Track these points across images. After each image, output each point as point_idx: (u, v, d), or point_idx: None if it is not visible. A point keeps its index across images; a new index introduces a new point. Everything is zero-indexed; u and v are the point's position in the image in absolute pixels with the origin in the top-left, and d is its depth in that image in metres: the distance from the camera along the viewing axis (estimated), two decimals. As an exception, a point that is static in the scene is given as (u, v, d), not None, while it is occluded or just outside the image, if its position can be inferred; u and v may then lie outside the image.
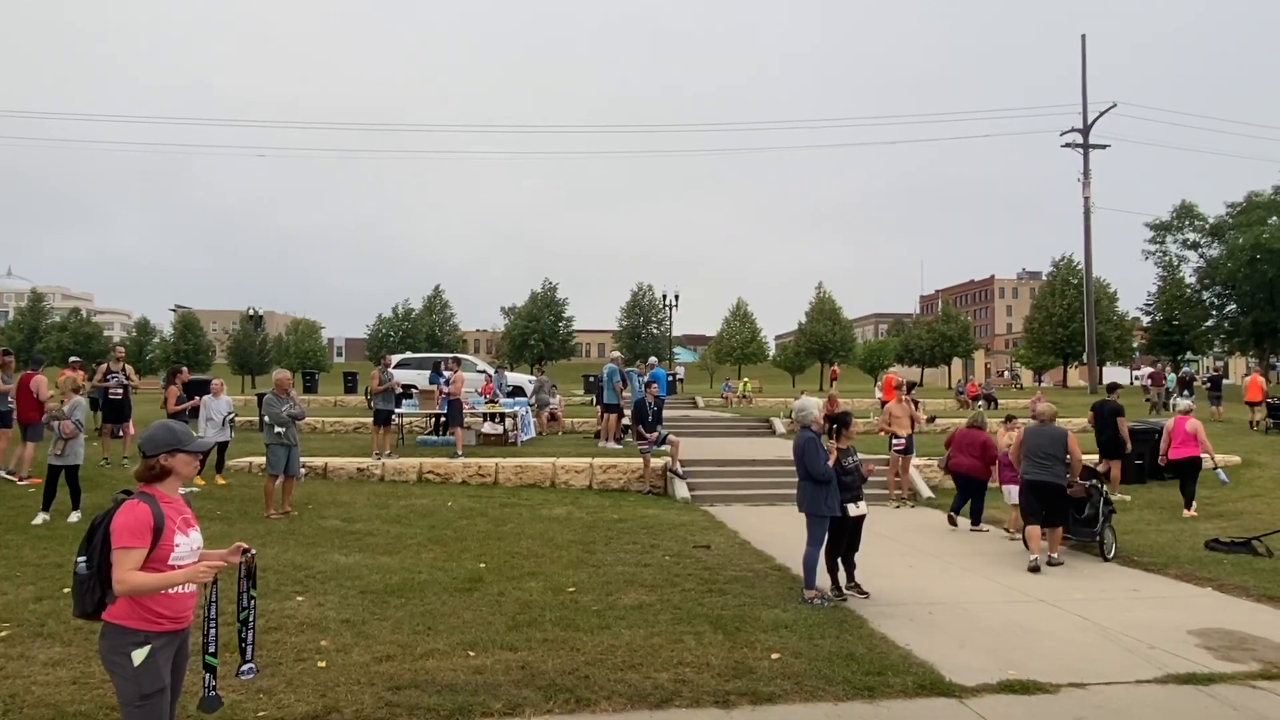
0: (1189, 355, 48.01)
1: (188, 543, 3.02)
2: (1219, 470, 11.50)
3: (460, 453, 13.75)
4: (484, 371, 22.51)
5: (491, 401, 17.01)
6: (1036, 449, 8.72)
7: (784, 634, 5.73)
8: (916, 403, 19.13)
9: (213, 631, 3.16)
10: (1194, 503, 11.19)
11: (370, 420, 14.71)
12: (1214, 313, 45.06)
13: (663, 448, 13.18)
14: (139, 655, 2.87)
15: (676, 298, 48.94)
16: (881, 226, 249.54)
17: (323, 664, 4.95)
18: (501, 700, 4.49)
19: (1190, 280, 46.08)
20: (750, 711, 4.47)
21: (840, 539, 6.98)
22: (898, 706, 4.58)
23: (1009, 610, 6.74)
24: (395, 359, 20.50)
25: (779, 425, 20.19)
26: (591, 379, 30.11)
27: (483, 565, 7.67)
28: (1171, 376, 32.39)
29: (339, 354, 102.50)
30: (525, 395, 20.49)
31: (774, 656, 5.25)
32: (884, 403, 16.28)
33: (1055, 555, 8.61)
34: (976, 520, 10.64)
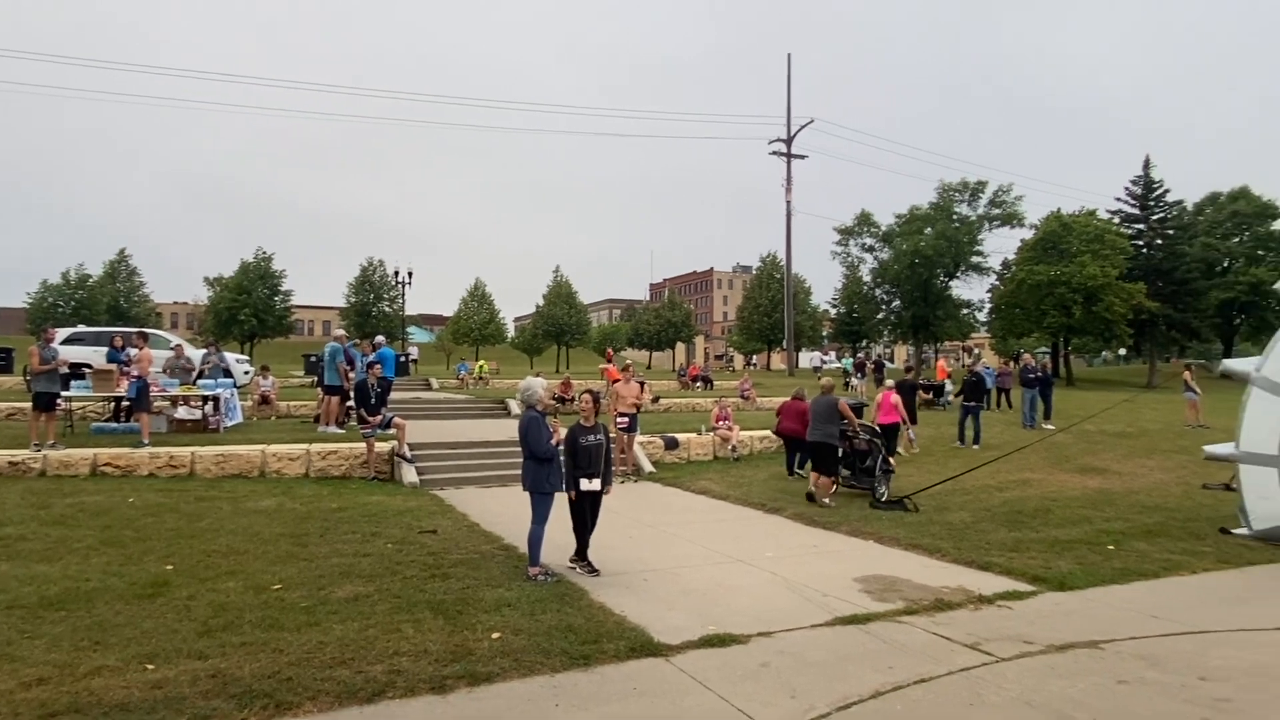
0: (865, 343, 55.90)
1: None
2: (910, 431, 14.22)
3: (147, 441, 12.06)
4: (176, 348, 19.87)
5: (187, 383, 15.10)
6: (817, 415, 10.92)
7: (506, 613, 5.77)
8: (643, 384, 20.23)
9: None
10: (897, 452, 13.91)
11: (29, 405, 12.37)
12: (883, 307, 52.84)
13: (388, 431, 12.62)
14: None
15: (410, 275, 46.77)
16: (617, 215, 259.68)
17: (-55, 700, 4.09)
18: (187, 714, 4.02)
19: (867, 279, 53.58)
20: (468, 694, 4.45)
21: (583, 515, 7.16)
22: (610, 671, 4.83)
23: (713, 571, 7.38)
24: (62, 333, 17.47)
25: (514, 407, 20.25)
26: (313, 359, 27.96)
27: (170, 567, 6.80)
28: (848, 360, 37.65)
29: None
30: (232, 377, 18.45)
31: (495, 636, 5.27)
32: (612, 382, 16.99)
33: (829, 500, 10.60)
34: (801, 467, 12.82)
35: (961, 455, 14.85)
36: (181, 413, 14.15)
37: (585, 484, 7.07)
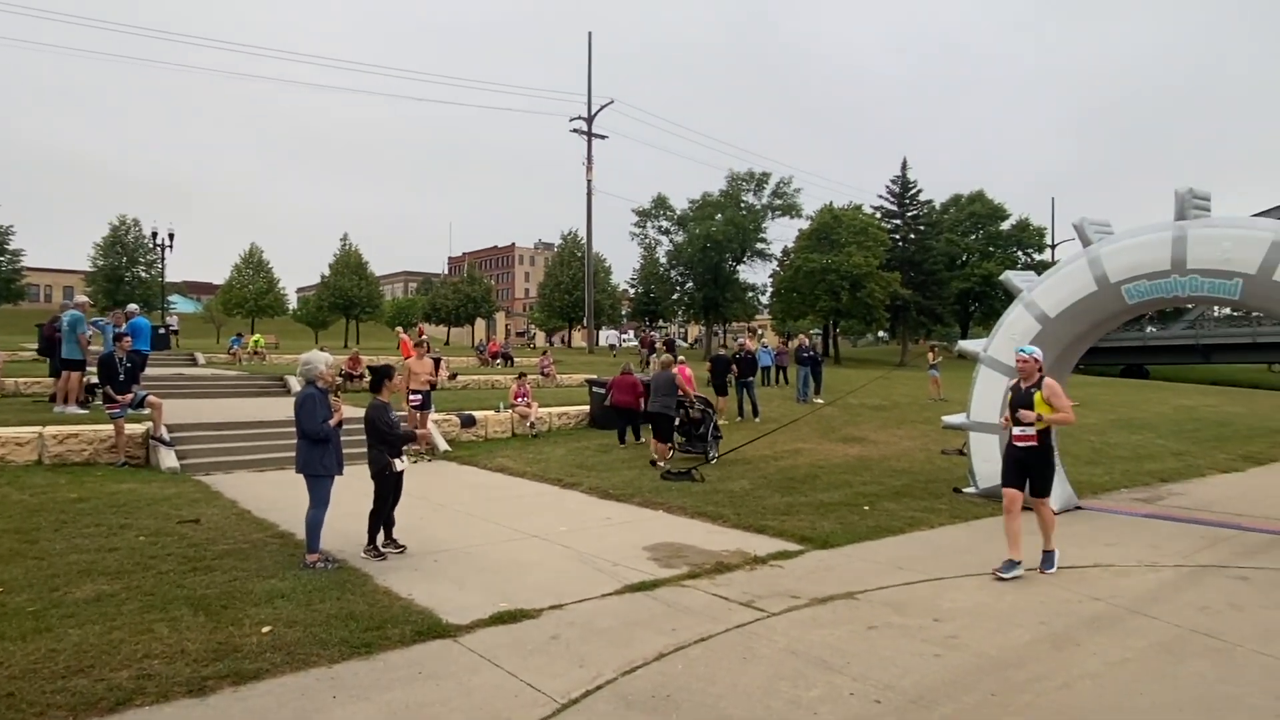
0: (661, 322, 57.96)
1: None
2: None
3: None
4: None
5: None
6: (657, 389, 12.21)
7: (279, 604, 5.38)
8: (439, 360, 19.62)
9: None
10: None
11: None
12: (678, 288, 55.02)
13: (141, 410, 11.27)
14: None
15: (171, 237, 41.70)
16: (414, 185, 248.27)
17: None
18: None
19: (663, 260, 55.46)
20: (232, 693, 4.10)
21: (387, 497, 6.89)
22: (394, 656, 4.65)
23: (507, 548, 7.35)
24: None
25: (295, 384, 18.88)
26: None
27: None
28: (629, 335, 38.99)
29: None
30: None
31: (265, 630, 4.89)
32: (405, 358, 16.34)
33: (664, 464, 11.72)
34: (636, 437, 14.07)
35: (743, 428, 15.86)
36: None
37: (398, 463, 6.92)
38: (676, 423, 12.52)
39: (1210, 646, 5.12)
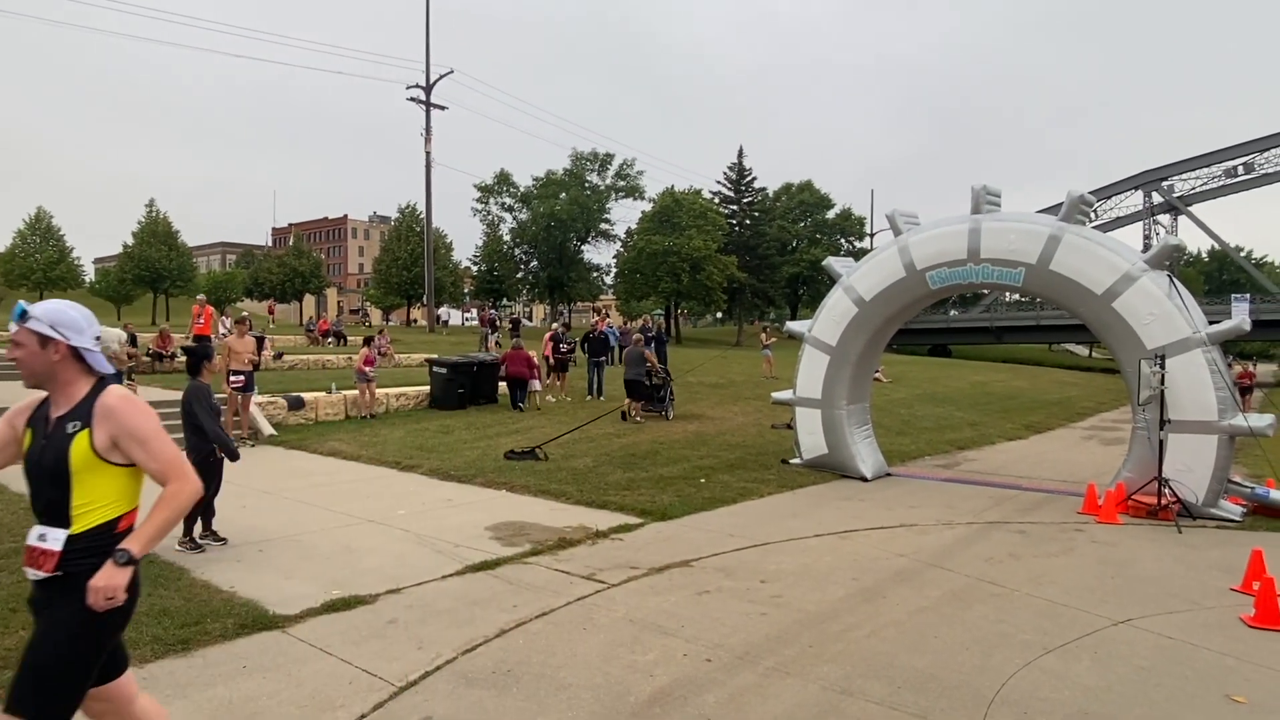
0: (505, 301, 57.11)
1: None
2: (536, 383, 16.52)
3: None
4: None
5: None
6: (629, 361, 14.99)
7: (79, 604, 4.91)
8: (262, 339, 18.39)
9: None
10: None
11: None
12: (522, 267, 54.44)
13: (-101, 397, 9.80)
14: None
15: (-68, 197, 36.19)
16: (233, 149, 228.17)
17: None
18: None
19: (507, 238, 54.63)
20: (23, 704, 3.72)
21: (205, 486, 6.40)
22: (215, 652, 4.39)
23: (340, 535, 7.08)
24: None
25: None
26: None
27: None
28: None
29: None
30: None
31: (62, 633, 4.45)
32: (196, 336, 15.08)
33: (639, 418, 14.42)
34: (523, 404, 15.90)
35: (589, 406, 16.05)
36: None
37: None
38: (644, 386, 14.92)
39: (992, 592, 5.82)
